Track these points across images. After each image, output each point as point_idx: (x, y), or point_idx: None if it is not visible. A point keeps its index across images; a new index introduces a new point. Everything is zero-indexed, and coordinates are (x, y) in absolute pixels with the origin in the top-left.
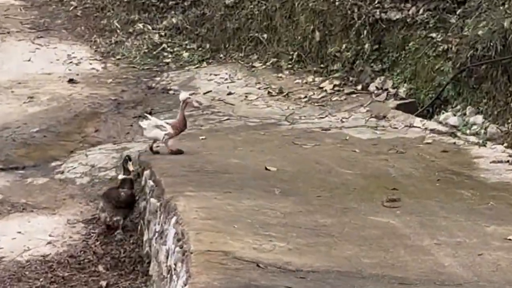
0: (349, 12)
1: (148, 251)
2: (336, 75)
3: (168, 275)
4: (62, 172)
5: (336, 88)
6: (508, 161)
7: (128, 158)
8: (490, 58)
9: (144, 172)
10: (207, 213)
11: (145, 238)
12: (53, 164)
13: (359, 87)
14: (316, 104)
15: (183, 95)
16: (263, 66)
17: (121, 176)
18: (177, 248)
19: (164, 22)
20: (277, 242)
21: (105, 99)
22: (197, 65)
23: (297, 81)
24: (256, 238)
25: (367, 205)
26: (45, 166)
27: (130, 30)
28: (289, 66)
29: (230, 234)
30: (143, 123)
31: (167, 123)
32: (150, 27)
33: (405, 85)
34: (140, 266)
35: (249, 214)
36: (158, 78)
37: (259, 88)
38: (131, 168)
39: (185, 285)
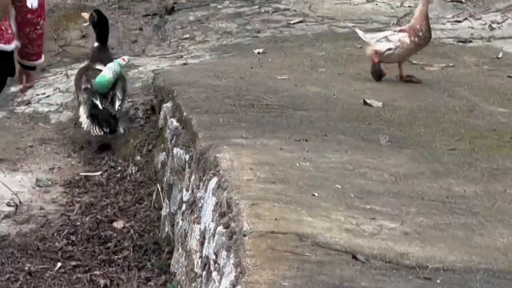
0: None
1: (169, 233)
2: None
3: (204, 272)
4: (28, 103)
5: None
6: None
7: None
8: None
9: (163, 106)
10: (269, 173)
11: (163, 212)
12: (13, 89)
13: None
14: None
15: None
16: None
17: None
18: (220, 228)
19: None
20: (385, 221)
21: None
22: None
23: None
24: (350, 213)
25: None
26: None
27: None
28: None
29: (307, 207)
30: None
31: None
32: None
33: None
34: (156, 258)
35: (339, 175)
36: None
37: None
38: None
39: (234, 287)
